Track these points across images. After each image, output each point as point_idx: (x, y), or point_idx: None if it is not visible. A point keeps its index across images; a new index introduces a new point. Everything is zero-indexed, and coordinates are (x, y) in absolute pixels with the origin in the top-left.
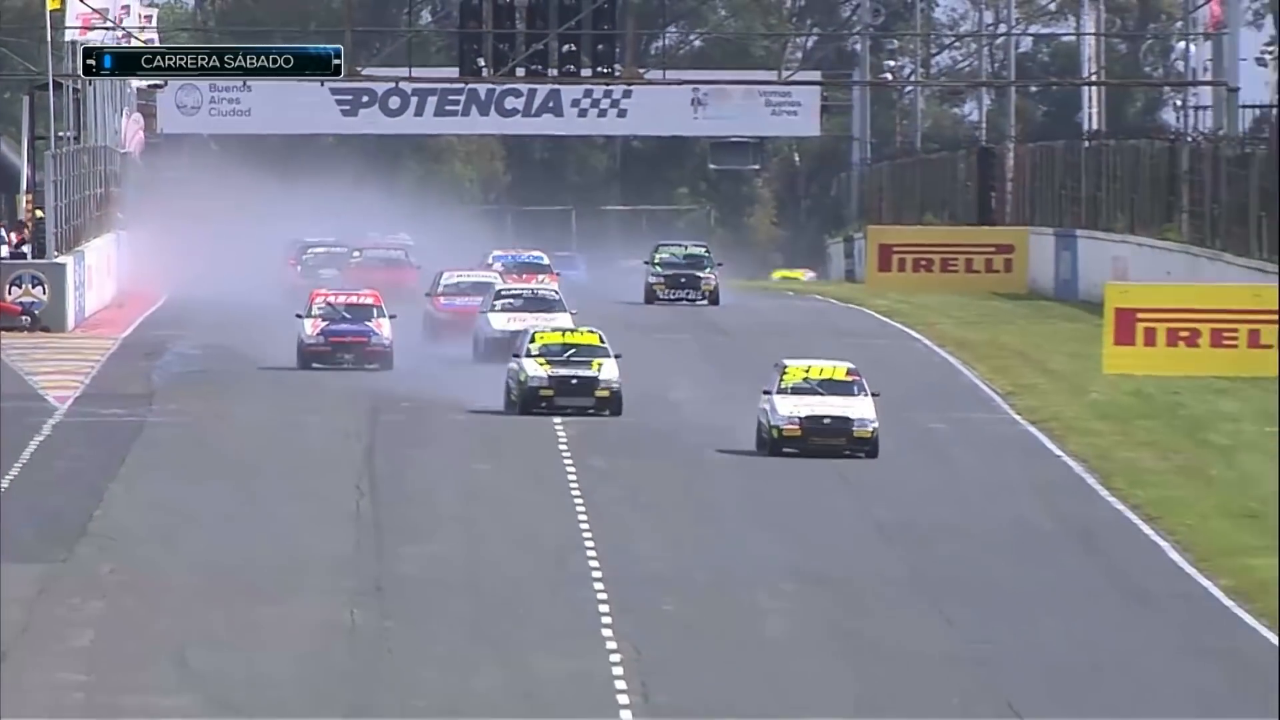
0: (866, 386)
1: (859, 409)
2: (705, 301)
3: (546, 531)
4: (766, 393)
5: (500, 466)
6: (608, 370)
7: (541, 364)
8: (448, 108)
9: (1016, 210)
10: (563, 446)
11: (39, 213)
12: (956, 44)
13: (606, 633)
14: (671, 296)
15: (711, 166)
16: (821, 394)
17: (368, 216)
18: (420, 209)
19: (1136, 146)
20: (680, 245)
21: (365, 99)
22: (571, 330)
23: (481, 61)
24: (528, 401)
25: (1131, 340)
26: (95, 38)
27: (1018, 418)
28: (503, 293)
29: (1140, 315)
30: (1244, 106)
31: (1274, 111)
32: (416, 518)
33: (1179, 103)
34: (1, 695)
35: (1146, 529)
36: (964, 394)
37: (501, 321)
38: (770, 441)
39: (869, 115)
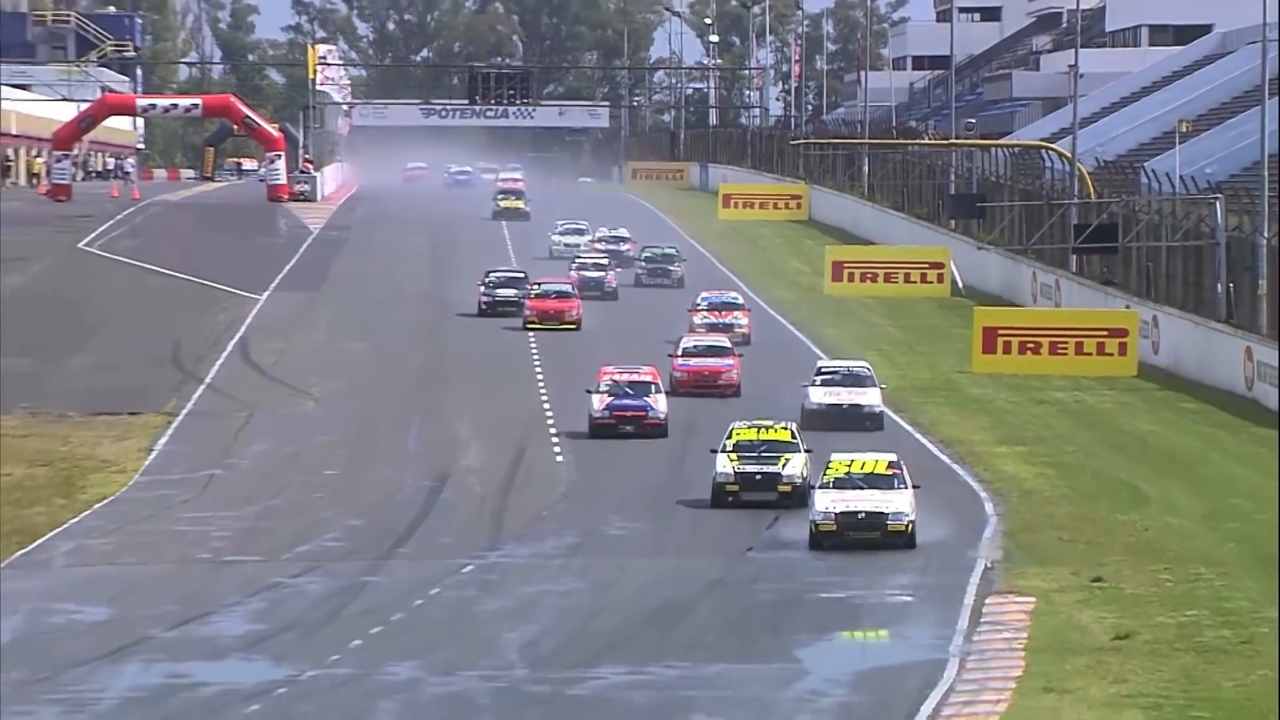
0: (908, 479)
1: (895, 503)
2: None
3: None
4: (812, 487)
5: None
6: (792, 466)
7: (732, 459)
8: (465, 113)
9: (688, 154)
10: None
11: (308, 156)
12: (660, 92)
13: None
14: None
15: (567, 139)
16: (862, 488)
17: (468, 158)
18: (461, 155)
19: (729, 131)
20: (658, 247)
21: (439, 111)
22: (767, 427)
23: (478, 96)
24: (717, 496)
25: (732, 206)
26: (326, 87)
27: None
28: (824, 369)
29: (731, 198)
30: (773, 116)
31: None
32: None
33: (747, 114)
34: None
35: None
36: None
37: (820, 395)
38: (810, 535)
39: (626, 119)
